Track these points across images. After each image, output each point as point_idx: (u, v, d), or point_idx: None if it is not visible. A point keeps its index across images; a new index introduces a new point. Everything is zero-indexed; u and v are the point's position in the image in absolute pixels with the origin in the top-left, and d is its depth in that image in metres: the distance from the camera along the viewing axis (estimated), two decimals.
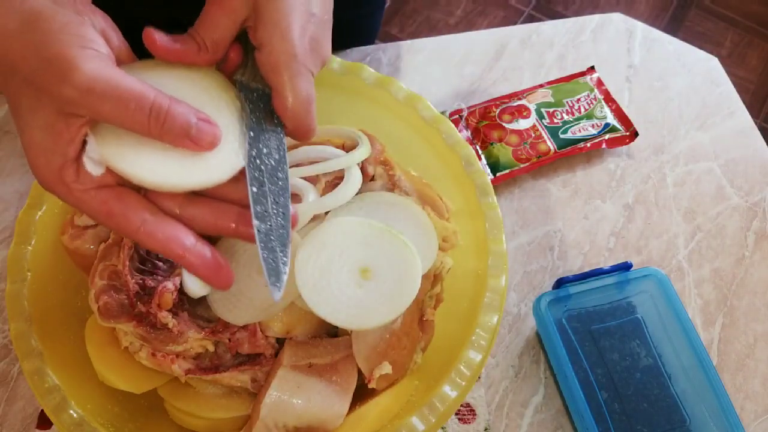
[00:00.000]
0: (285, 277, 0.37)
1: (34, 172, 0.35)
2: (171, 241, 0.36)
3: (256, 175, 0.38)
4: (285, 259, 0.37)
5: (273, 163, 0.39)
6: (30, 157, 0.35)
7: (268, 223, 0.37)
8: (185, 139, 0.35)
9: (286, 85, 0.39)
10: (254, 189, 0.38)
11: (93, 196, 0.35)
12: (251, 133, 0.39)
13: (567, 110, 0.77)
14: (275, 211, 0.38)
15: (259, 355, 0.52)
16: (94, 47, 0.34)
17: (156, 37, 0.37)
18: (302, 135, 0.41)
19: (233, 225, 0.39)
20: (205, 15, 0.39)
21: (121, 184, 0.37)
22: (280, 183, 0.39)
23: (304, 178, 0.53)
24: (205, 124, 0.35)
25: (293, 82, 0.39)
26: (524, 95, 0.78)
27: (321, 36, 0.41)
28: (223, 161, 0.38)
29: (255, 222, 0.37)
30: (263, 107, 0.41)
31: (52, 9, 0.34)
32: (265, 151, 0.39)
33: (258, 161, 0.38)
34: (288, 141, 0.59)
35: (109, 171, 0.36)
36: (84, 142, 0.35)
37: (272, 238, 0.37)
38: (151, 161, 0.36)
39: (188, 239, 0.37)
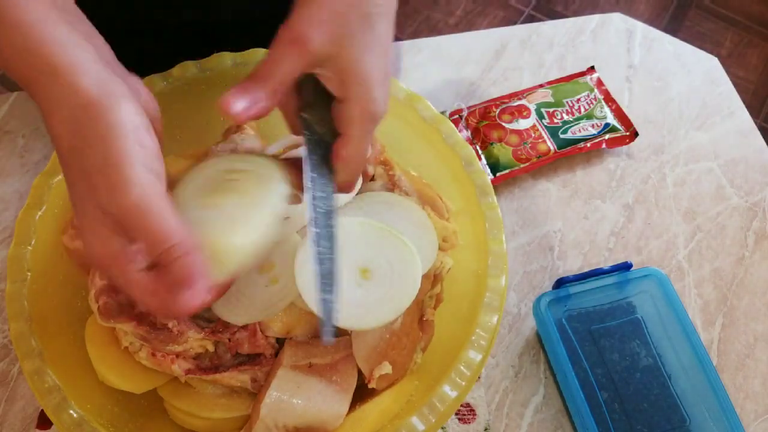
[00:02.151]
0: (336, 323, 0.39)
1: (87, 251, 0.36)
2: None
3: (314, 217, 0.39)
4: (336, 305, 0.39)
5: (327, 208, 0.41)
6: (85, 239, 0.36)
7: (325, 266, 0.39)
8: (175, 286, 0.35)
9: (356, 139, 0.40)
10: (315, 230, 0.39)
11: (143, 276, 0.36)
12: (313, 175, 0.41)
13: (567, 110, 0.77)
14: (328, 255, 0.39)
15: (259, 355, 0.52)
16: (150, 166, 0.35)
17: (233, 105, 0.37)
18: (346, 187, 0.43)
19: None
20: (278, 57, 0.38)
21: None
22: (331, 229, 0.40)
23: None
24: (190, 297, 0.35)
25: (364, 139, 0.41)
26: (524, 95, 0.78)
27: (389, 95, 0.42)
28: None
29: (315, 265, 0.38)
30: (321, 153, 0.42)
31: (124, 102, 0.35)
32: (320, 195, 0.41)
33: (315, 204, 0.40)
34: (288, 140, 0.59)
35: None
36: None
37: (326, 282, 0.39)
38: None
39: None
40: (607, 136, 0.76)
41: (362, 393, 0.51)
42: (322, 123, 0.42)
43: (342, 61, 0.39)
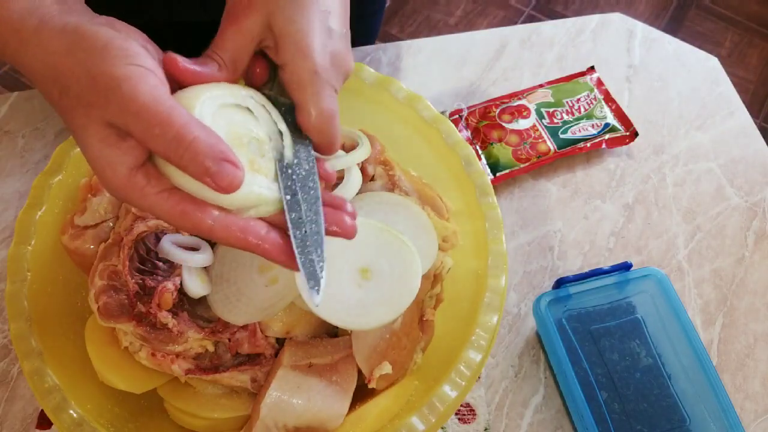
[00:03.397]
0: (324, 282, 0.37)
1: (104, 185, 0.36)
2: (247, 232, 0.37)
3: (289, 184, 0.39)
4: (322, 263, 0.38)
5: (303, 173, 0.40)
6: (97, 172, 0.36)
7: (303, 230, 0.38)
8: (204, 176, 0.34)
9: (309, 102, 0.39)
10: (288, 197, 0.38)
11: (167, 198, 0.36)
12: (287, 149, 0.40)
13: (567, 110, 0.77)
14: (309, 218, 0.38)
15: (259, 355, 0.52)
16: (138, 62, 0.35)
17: (178, 61, 0.38)
18: (326, 149, 0.41)
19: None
20: (220, 35, 0.40)
21: None
22: (311, 192, 0.39)
23: None
24: (227, 166, 0.34)
25: (316, 98, 0.39)
26: (524, 95, 0.78)
27: (342, 51, 0.41)
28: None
29: (291, 229, 0.37)
30: (291, 121, 0.41)
31: (92, 27, 0.35)
32: (295, 161, 0.40)
33: (290, 171, 0.39)
34: None
35: None
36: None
37: (308, 243, 0.38)
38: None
39: (262, 228, 0.37)
40: (607, 136, 0.76)
41: (362, 393, 0.51)
42: (284, 93, 0.41)
43: (275, 26, 0.39)
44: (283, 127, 0.40)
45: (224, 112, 0.38)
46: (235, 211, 0.37)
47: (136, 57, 0.35)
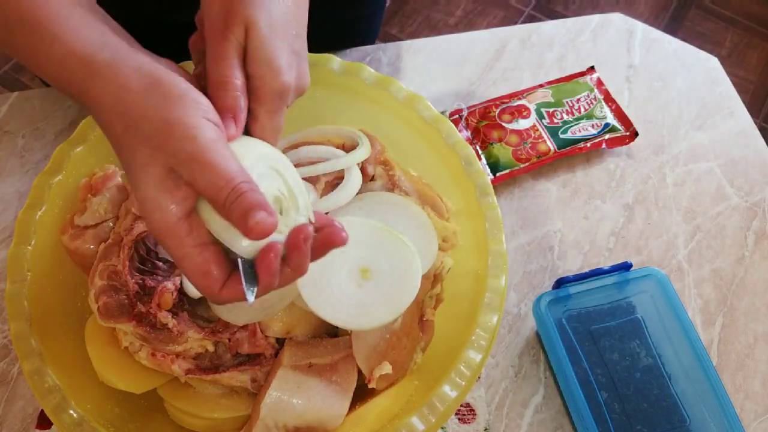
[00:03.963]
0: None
1: (148, 225, 0.38)
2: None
3: None
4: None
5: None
6: (145, 211, 0.37)
7: None
8: (241, 222, 0.36)
9: (266, 117, 0.42)
10: None
11: (199, 252, 0.37)
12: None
13: (567, 110, 0.77)
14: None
15: (259, 355, 0.52)
16: (209, 117, 0.37)
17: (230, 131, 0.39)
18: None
19: None
20: (214, 55, 0.41)
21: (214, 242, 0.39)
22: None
23: (304, 179, 0.53)
24: (264, 216, 0.35)
25: (272, 115, 0.42)
26: (524, 95, 0.78)
27: (303, 73, 0.44)
28: None
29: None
30: None
31: (171, 76, 0.38)
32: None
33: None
34: (289, 140, 0.59)
35: None
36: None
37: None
38: None
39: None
40: (607, 136, 0.76)
41: (362, 393, 0.51)
42: None
43: (250, 43, 0.41)
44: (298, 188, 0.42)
45: (265, 172, 0.40)
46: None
47: (208, 111, 0.38)
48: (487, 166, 0.73)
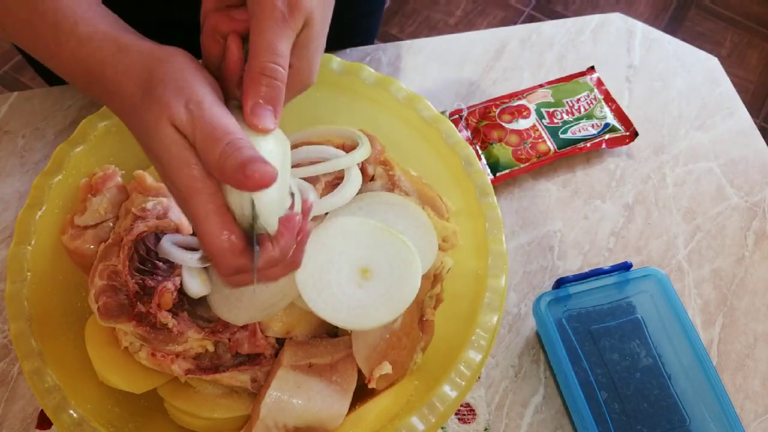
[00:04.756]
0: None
1: (173, 185, 0.37)
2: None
3: None
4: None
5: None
6: (171, 170, 0.37)
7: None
8: (239, 174, 0.35)
9: (266, 41, 0.39)
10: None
11: (223, 214, 0.37)
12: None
13: (567, 110, 0.77)
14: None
15: (259, 355, 0.52)
16: (213, 87, 0.38)
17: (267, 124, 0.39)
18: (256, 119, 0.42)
19: None
20: (269, 39, 0.39)
21: None
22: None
23: (304, 179, 0.53)
24: (260, 164, 0.35)
25: (278, 40, 0.40)
26: (524, 95, 0.78)
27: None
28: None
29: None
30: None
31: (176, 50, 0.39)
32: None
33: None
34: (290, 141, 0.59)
35: None
36: None
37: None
38: None
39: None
40: (607, 136, 0.76)
41: (362, 393, 0.51)
42: None
43: (304, 36, 0.40)
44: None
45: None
46: None
47: (212, 81, 0.39)
48: (487, 166, 0.73)
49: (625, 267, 0.63)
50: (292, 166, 0.54)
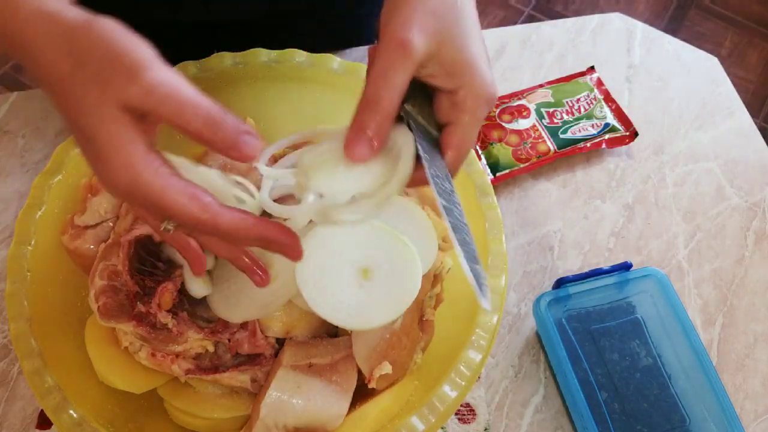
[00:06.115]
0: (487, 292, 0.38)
1: (113, 164, 0.35)
2: (251, 218, 0.38)
3: (439, 191, 0.39)
4: (485, 273, 0.38)
5: (448, 188, 0.41)
6: (109, 150, 0.35)
7: (464, 236, 0.38)
8: (231, 149, 0.35)
9: (467, 126, 0.41)
10: (444, 202, 0.39)
11: (179, 179, 0.36)
12: (427, 156, 0.40)
13: (567, 110, 0.77)
14: (462, 226, 0.39)
15: (259, 355, 0.52)
16: (152, 51, 0.36)
17: (361, 153, 0.39)
18: (453, 168, 0.43)
19: None
20: (383, 68, 0.38)
21: None
22: (458, 206, 0.40)
23: None
24: (249, 137, 0.35)
25: (475, 125, 0.41)
26: (524, 95, 0.78)
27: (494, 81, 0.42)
28: None
29: (452, 234, 0.38)
30: (428, 141, 0.42)
31: (109, 19, 0.36)
32: (438, 174, 0.40)
33: (437, 180, 0.40)
34: (289, 140, 0.59)
35: None
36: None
37: (472, 248, 0.38)
38: None
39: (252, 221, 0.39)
40: (607, 136, 0.76)
41: (362, 393, 0.51)
42: (423, 115, 0.42)
43: (445, 55, 0.39)
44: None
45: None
46: None
47: (149, 48, 0.36)
48: (487, 166, 0.73)
49: (625, 267, 0.63)
50: (291, 167, 0.54)
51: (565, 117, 0.76)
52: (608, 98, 0.79)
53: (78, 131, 0.36)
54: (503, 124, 0.75)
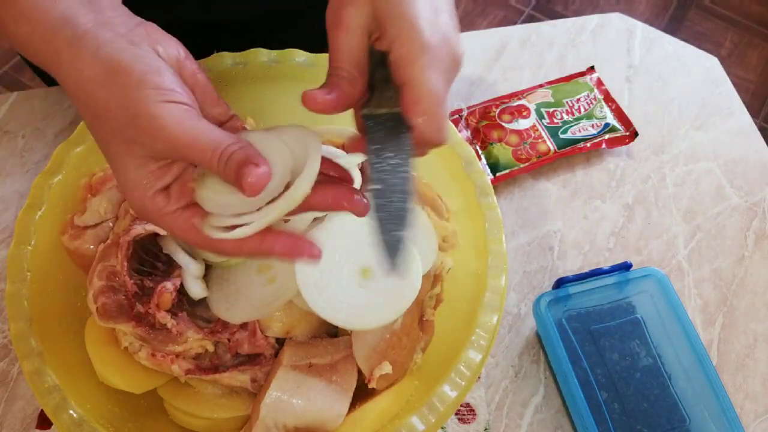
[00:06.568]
0: (403, 255, 0.38)
1: (130, 204, 0.39)
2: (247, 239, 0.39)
3: (376, 175, 0.39)
4: (403, 234, 0.38)
5: (394, 163, 0.40)
6: (126, 192, 0.38)
7: (385, 213, 0.38)
8: (234, 178, 0.36)
9: (418, 78, 0.37)
10: (377, 186, 0.39)
11: (180, 214, 0.39)
12: (376, 147, 0.40)
13: (567, 110, 0.77)
14: (398, 198, 0.39)
15: (259, 355, 0.52)
16: (174, 99, 0.36)
17: (317, 97, 0.39)
18: (432, 133, 0.39)
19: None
20: (334, 44, 0.39)
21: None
22: (401, 176, 0.39)
23: None
24: (252, 168, 0.36)
25: (426, 75, 0.37)
26: (524, 95, 0.78)
27: (450, 33, 0.40)
28: None
29: (372, 213, 0.38)
30: (390, 126, 0.41)
31: (129, 56, 0.35)
32: (388, 154, 0.40)
33: (379, 152, 0.39)
34: None
35: None
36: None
37: (398, 213, 0.38)
38: None
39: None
40: (607, 136, 0.76)
41: (362, 393, 0.51)
42: (381, 103, 0.41)
43: (380, 12, 0.38)
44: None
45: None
46: None
47: (171, 93, 0.36)
48: (487, 166, 0.73)
49: (625, 267, 0.63)
50: None
51: (565, 117, 0.76)
52: (608, 98, 0.79)
53: (109, 165, 0.39)
54: (503, 124, 0.75)
